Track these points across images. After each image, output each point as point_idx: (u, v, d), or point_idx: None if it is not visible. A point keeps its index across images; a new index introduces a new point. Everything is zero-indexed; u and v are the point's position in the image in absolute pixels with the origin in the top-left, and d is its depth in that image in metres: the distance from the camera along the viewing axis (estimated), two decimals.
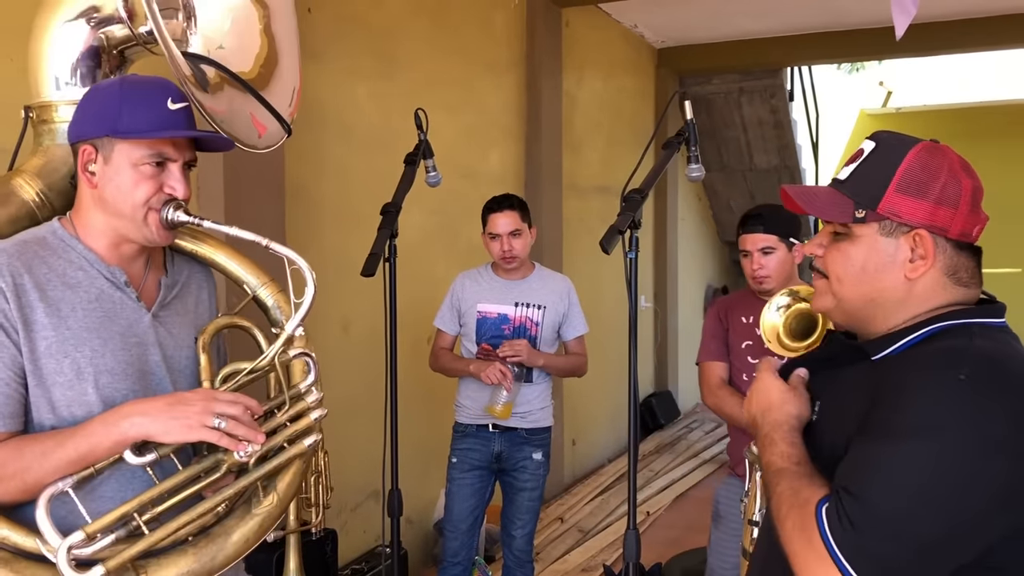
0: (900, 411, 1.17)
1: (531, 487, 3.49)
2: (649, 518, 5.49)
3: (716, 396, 2.93)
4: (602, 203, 6.44)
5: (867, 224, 1.30)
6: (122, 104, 1.56)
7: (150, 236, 1.61)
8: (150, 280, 1.70)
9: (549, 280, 3.56)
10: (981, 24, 6.48)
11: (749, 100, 8.08)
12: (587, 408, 6.45)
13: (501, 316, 3.44)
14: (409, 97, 4.07)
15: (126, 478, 1.55)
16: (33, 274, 1.53)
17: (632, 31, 7.20)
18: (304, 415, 1.67)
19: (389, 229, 2.61)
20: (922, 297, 1.29)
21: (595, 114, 6.62)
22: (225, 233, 1.65)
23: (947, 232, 1.26)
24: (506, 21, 5.38)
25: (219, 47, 1.83)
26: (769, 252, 2.80)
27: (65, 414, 1.53)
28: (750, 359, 2.88)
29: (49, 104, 1.79)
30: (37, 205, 1.73)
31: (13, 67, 2.53)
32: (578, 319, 3.58)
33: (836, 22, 6.79)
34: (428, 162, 2.89)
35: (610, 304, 6.42)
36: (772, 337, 2.66)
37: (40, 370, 1.51)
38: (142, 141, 1.56)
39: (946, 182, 1.26)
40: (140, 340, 1.62)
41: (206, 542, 1.58)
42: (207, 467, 1.56)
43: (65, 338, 1.53)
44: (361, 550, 4.00)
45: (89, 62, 1.80)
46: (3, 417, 1.48)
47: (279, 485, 1.67)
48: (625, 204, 2.16)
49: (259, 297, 1.83)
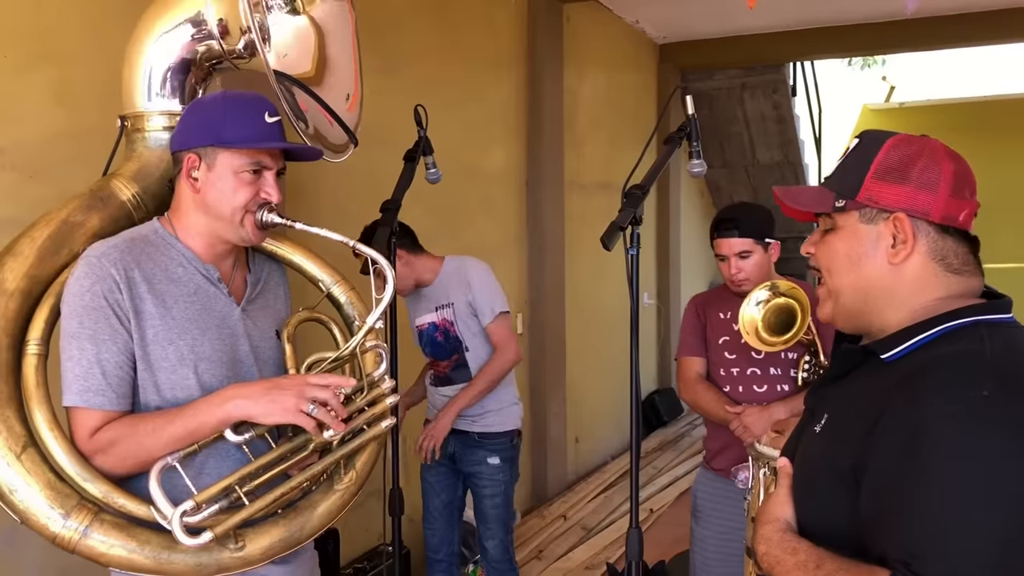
0: (934, 455, 1.10)
1: (490, 493, 3.40)
2: (652, 515, 5.48)
3: (693, 391, 2.93)
4: (604, 199, 6.42)
5: (848, 213, 1.31)
6: (226, 117, 1.74)
7: (246, 236, 1.79)
8: (237, 277, 1.88)
9: (453, 273, 3.36)
10: (984, 18, 6.45)
11: (751, 95, 8.06)
12: (590, 406, 6.44)
13: (431, 325, 3.39)
14: (409, 93, 4.03)
15: (223, 455, 1.73)
16: (142, 268, 1.70)
17: (634, 26, 7.17)
18: (379, 400, 1.85)
19: (389, 227, 2.59)
20: (913, 285, 1.28)
21: (597, 110, 6.60)
22: (316, 234, 1.82)
23: (928, 215, 1.26)
24: (507, 17, 5.36)
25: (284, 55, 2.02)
26: (746, 256, 2.78)
27: (168, 396, 1.70)
28: (727, 355, 2.87)
29: (142, 114, 1.99)
30: (133, 206, 1.92)
31: (7, 63, 2.52)
32: (487, 299, 3.32)
33: (839, 17, 6.77)
34: (428, 159, 2.88)
35: (612, 301, 6.41)
36: (751, 331, 2.66)
37: (148, 356, 1.69)
38: (243, 151, 1.73)
39: (924, 166, 1.27)
40: (232, 331, 1.80)
41: (294, 514, 1.77)
42: (296, 446, 1.73)
43: (170, 327, 1.70)
44: (363, 549, 3.99)
45: (180, 76, 2.00)
46: (119, 397, 1.66)
47: (357, 464, 1.88)
48: (626, 200, 2.15)
49: (332, 294, 2.06)
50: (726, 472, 2.82)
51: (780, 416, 2.64)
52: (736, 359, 2.84)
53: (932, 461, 1.10)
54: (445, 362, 3.41)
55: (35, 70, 2.54)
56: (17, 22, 2.53)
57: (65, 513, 1.58)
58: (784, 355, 2.77)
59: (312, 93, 2.09)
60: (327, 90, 2.16)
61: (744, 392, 2.83)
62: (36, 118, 2.56)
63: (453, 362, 3.40)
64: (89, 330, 1.64)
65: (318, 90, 2.12)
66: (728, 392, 2.85)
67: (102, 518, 1.60)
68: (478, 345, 3.38)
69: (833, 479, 1.22)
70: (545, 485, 5.76)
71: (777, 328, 2.64)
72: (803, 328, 2.60)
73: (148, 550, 1.61)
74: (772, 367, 2.80)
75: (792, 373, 2.79)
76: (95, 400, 1.63)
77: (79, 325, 1.64)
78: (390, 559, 2.75)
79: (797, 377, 2.77)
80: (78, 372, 1.63)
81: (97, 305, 1.64)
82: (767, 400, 2.77)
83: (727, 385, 2.86)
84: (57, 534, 1.58)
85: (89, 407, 1.64)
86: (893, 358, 1.26)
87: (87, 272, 1.66)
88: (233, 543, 1.66)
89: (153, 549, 1.61)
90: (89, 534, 1.58)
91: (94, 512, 1.60)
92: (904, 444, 1.13)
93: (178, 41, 1.99)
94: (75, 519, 1.58)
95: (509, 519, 3.51)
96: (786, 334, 2.61)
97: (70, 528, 1.58)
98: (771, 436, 2.29)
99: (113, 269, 1.66)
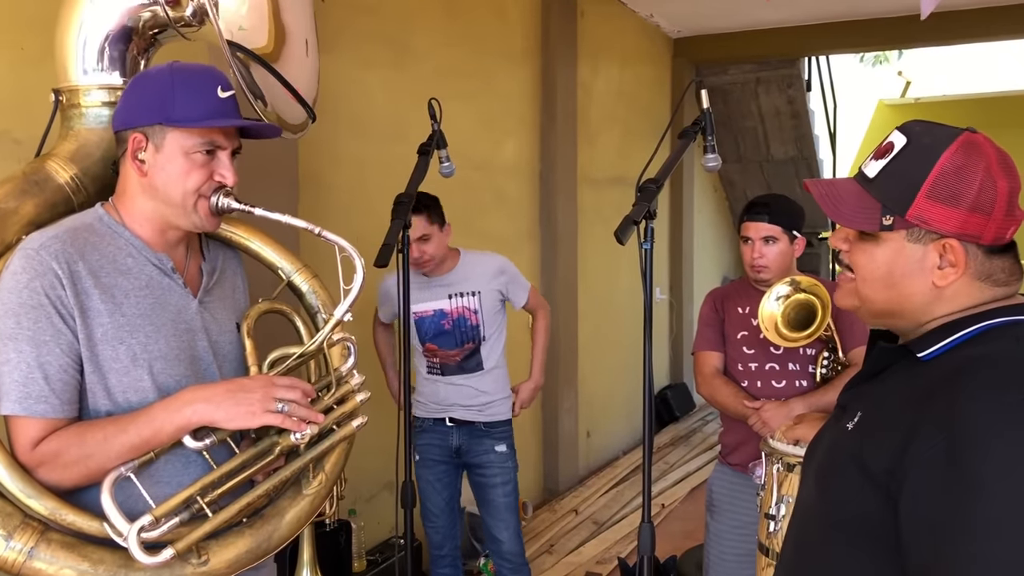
0: (968, 467, 1.07)
1: (502, 482, 3.41)
2: (664, 510, 5.47)
3: (710, 385, 2.92)
4: (617, 194, 6.41)
5: (895, 230, 1.23)
6: (174, 91, 1.57)
7: (199, 223, 1.63)
8: (191, 266, 1.72)
9: (477, 264, 3.44)
10: (1001, 13, 6.39)
11: (766, 90, 8.02)
12: (601, 400, 6.43)
13: (438, 312, 3.36)
14: (423, 87, 4.05)
15: (181, 463, 1.58)
16: (86, 260, 1.53)
17: (648, 21, 7.15)
18: (349, 398, 1.74)
19: (403, 220, 2.59)
20: (952, 300, 1.23)
21: (610, 104, 6.59)
22: (276, 220, 1.66)
23: (980, 239, 1.19)
24: (520, 11, 5.35)
25: (240, 28, 1.82)
26: (771, 242, 2.78)
27: (121, 400, 1.54)
28: (745, 349, 2.87)
29: (78, 88, 1.78)
30: (72, 190, 1.72)
31: (24, 56, 2.53)
32: (520, 284, 3.52)
33: (854, 11, 6.73)
34: (442, 152, 2.87)
35: (625, 296, 6.40)
36: (770, 326, 2.66)
37: (97, 356, 1.53)
38: (195, 130, 1.57)
39: (982, 186, 1.17)
40: (189, 326, 1.65)
41: (261, 523, 1.64)
42: (262, 450, 1.61)
43: (120, 324, 1.54)
44: (375, 541, 4.00)
45: (120, 45, 1.79)
46: (63, 404, 1.50)
47: (327, 466, 1.75)
48: (640, 194, 2.14)
49: (293, 283, 1.88)
50: (743, 467, 2.82)
51: (799, 411, 2.64)
52: (754, 354, 2.83)
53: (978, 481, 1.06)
54: (455, 351, 3.38)
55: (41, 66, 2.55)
56: (34, 15, 2.54)
57: (7, 534, 1.42)
58: (803, 351, 2.76)
59: (268, 66, 1.90)
60: (284, 63, 1.95)
61: (762, 387, 2.82)
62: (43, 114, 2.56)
63: (465, 351, 3.39)
64: (28, 331, 1.47)
65: (276, 64, 1.93)
66: (746, 387, 2.85)
67: (49, 537, 1.45)
68: (494, 336, 3.42)
69: (863, 477, 1.19)
70: (556, 479, 5.76)
71: (796, 324, 2.65)
72: (823, 325, 2.60)
73: (102, 570, 1.46)
74: (790, 362, 2.79)
75: (810, 369, 2.78)
76: (37, 408, 1.47)
77: (16, 325, 1.47)
78: (402, 551, 2.75)
79: (815, 373, 2.77)
80: (16, 377, 1.47)
81: (37, 303, 1.47)
82: (785, 395, 2.77)
83: (745, 380, 2.86)
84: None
85: (30, 416, 1.47)
86: (929, 357, 1.22)
87: (24, 266, 1.49)
88: (196, 558, 1.52)
89: (108, 569, 1.46)
90: (35, 555, 1.43)
91: (40, 531, 1.45)
92: (945, 461, 1.09)
93: (118, 5, 1.78)
94: (18, 539, 1.42)
95: (517, 508, 3.51)
96: (806, 330, 2.61)
97: (14, 550, 1.42)
98: (788, 425, 2.29)
99: (54, 262, 1.49)
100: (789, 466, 2.21)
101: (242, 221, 1.84)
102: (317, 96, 2.07)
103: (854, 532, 1.21)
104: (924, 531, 1.10)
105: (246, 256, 1.90)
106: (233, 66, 1.74)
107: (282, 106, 1.94)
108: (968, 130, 1.24)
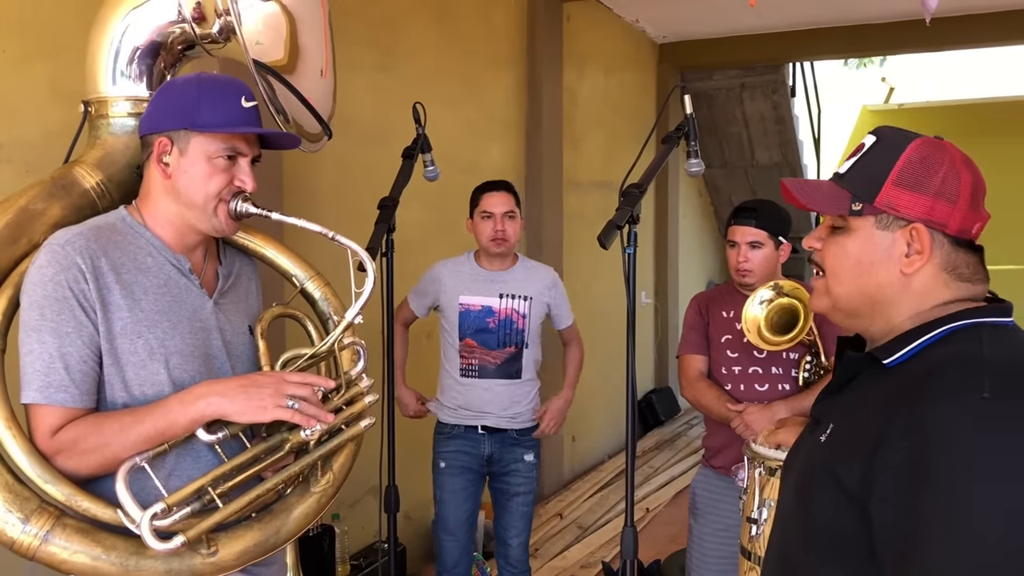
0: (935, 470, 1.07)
1: (524, 491, 3.37)
2: (649, 514, 5.48)
3: (694, 389, 2.93)
4: (603, 198, 6.41)
5: (864, 217, 1.27)
6: (200, 99, 1.65)
7: (218, 226, 1.70)
8: (208, 269, 1.80)
9: (534, 271, 3.45)
10: (985, 20, 6.44)
11: (751, 96, 8.05)
12: (587, 404, 6.42)
13: (485, 308, 3.31)
14: (408, 90, 4.04)
15: (192, 457, 1.64)
16: (109, 257, 1.60)
17: (633, 26, 7.17)
18: (357, 399, 1.80)
19: (387, 223, 2.59)
20: (920, 293, 1.26)
21: (596, 109, 6.60)
22: (293, 224, 1.75)
23: (945, 227, 1.23)
24: (506, 15, 5.36)
25: (257, 43, 1.92)
26: (757, 246, 2.80)
27: (137, 393, 1.60)
28: (729, 353, 2.88)
29: (107, 100, 1.88)
30: (97, 195, 1.82)
31: (6, 58, 2.51)
32: (568, 308, 3.54)
33: (839, 17, 6.76)
34: (426, 156, 2.88)
35: (610, 300, 6.40)
36: (753, 330, 2.68)
37: (115, 349, 1.59)
38: (218, 135, 1.65)
39: (946, 176, 1.23)
40: (204, 325, 1.72)
41: (270, 518, 1.69)
42: (272, 446, 1.66)
43: (139, 319, 1.61)
44: (359, 546, 3.99)
45: (148, 59, 1.90)
46: (83, 394, 1.56)
47: (334, 465, 1.81)
48: (623, 199, 2.15)
49: (307, 290, 1.98)
50: (726, 470, 2.83)
51: (782, 415, 2.65)
52: (738, 358, 2.85)
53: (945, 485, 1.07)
54: (494, 352, 3.32)
55: (33, 65, 2.54)
56: (15, 17, 2.53)
57: (24, 517, 1.48)
58: (786, 355, 2.78)
59: (287, 83, 1.99)
60: (299, 79, 2.05)
61: (745, 391, 2.83)
62: (33, 113, 2.55)
63: (506, 354, 3.33)
64: (51, 322, 1.54)
65: (291, 79, 2.02)
66: (729, 391, 2.86)
67: (64, 522, 1.50)
68: (534, 346, 3.40)
69: (837, 490, 1.20)
70: (541, 484, 5.75)
71: (779, 328, 2.66)
72: (805, 328, 2.61)
73: (114, 556, 1.51)
74: (774, 366, 2.81)
75: (793, 373, 2.79)
76: (57, 396, 1.54)
77: (40, 317, 1.54)
78: (386, 556, 2.74)
79: (799, 377, 2.78)
80: (39, 367, 1.53)
81: (61, 296, 1.54)
82: (768, 399, 2.78)
83: (728, 383, 2.87)
84: (15, 539, 1.48)
85: (51, 404, 1.54)
86: (895, 363, 1.24)
87: (50, 260, 1.56)
88: (205, 548, 1.57)
89: (119, 555, 1.51)
90: (50, 539, 1.48)
91: (56, 516, 1.50)
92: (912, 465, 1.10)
93: (148, 22, 1.88)
94: (35, 524, 1.48)
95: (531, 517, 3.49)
96: (788, 334, 2.63)
97: (29, 533, 1.48)
98: (770, 428, 2.30)
99: (79, 257, 1.56)
100: (771, 470, 2.22)
101: (258, 230, 1.93)
102: (333, 113, 2.17)
103: (831, 544, 1.22)
104: (894, 537, 1.11)
105: (261, 264, 1.98)
106: (259, 82, 1.83)
107: (301, 121, 2.04)
108: (936, 138, 1.29)
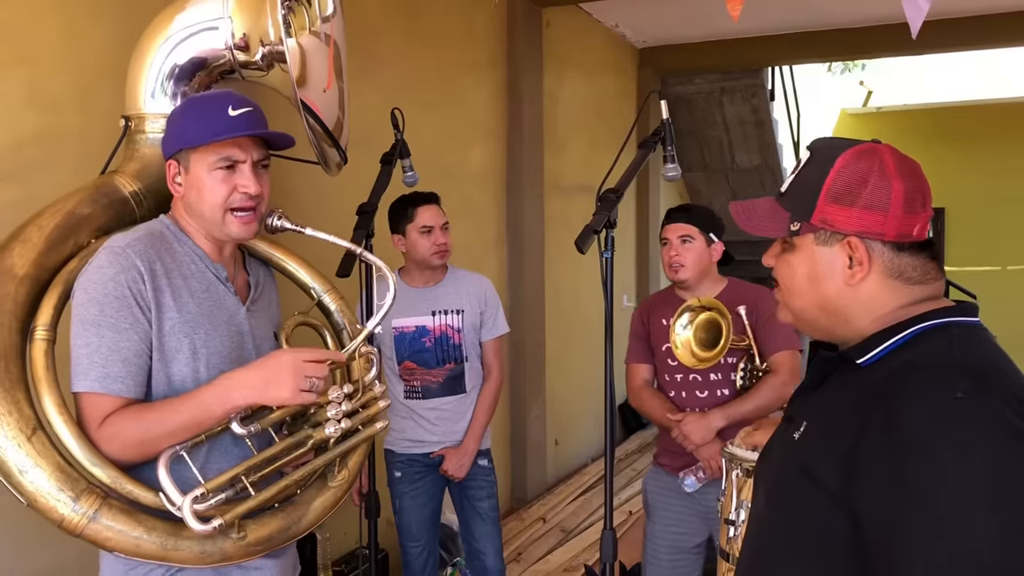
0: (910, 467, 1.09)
1: (488, 495, 3.33)
2: (631, 517, 5.49)
3: (639, 398, 3.01)
4: (584, 202, 6.41)
5: (804, 235, 1.30)
6: (188, 117, 1.79)
7: (232, 232, 1.81)
8: (239, 279, 1.95)
9: (464, 282, 3.33)
10: (963, 24, 6.49)
11: (731, 99, 8.08)
12: (569, 408, 6.44)
13: (420, 329, 3.22)
14: (387, 95, 4.03)
15: (220, 450, 1.78)
16: (162, 262, 1.75)
17: (613, 31, 7.19)
18: (372, 403, 1.95)
19: (365, 229, 2.59)
20: (870, 302, 1.28)
21: (577, 114, 6.61)
22: (325, 239, 1.89)
23: (883, 236, 1.25)
24: (485, 20, 5.36)
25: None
26: (687, 241, 2.85)
27: (179, 388, 1.74)
28: (670, 361, 2.92)
29: (145, 116, 2.06)
30: (136, 203, 1.98)
31: None
32: (498, 319, 3.37)
33: (817, 22, 6.81)
34: (405, 161, 2.88)
35: (592, 304, 6.40)
36: (687, 353, 2.78)
37: (164, 347, 1.73)
38: (209, 147, 1.75)
39: (875, 186, 1.24)
40: (239, 329, 1.86)
41: (292, 508, 1.84)
42: (298, 441, 1.82)
43: (185, 320, 1.75)
44: (341, 552, 3.97)
45: (185, 81, 2.06)
46: (136, 385, 1.70)
47: (350, 463, 1.98)
48: (600, 204, 2.16)
49: (323, 302, 2.16)
50: (672, 469, 2.90)
51: (718, 424, 2.74)
52: (678, 365, 2.89)
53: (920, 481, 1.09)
54: (435, 371, 3.26)
55: (7, 72, 2.51)
56: None
57: (74, 496, 1.60)
58: (724, 360, 2.83)
59: (313, 113, 2.13)
60: (307, 93, 2.18)
61: (687, 397, 2.89)
62: (7, 120, 2.52)
63: (447, 371, 3.27)
64: (111, 318, 1.66)
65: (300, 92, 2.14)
66: (673, 397, 2.92)
67: (110, 503, 1.63)
68: (475, 358, 3.33)
69: (812, 487, 1.21)
70: (524, 487, 5.76)
71: (709, 342, 2.77)
72: (728, 336, 2.71)
73: (155, 536, 1.64)
74: (712, 373, 2.87)
75: (732, 377, 2.86)
76: (114, 387, 1.66)
77: (99, 313, 1.66)
78: (367, 562, 2.74)
79: (735, 381, 2.85)
80: (97, 359, 1.65)
81: (120, 295, 1.67)
82: (710, 405, 2.84)
83: (672, 390, 2.93)
84: (65, 517, 1.60)
85: (107, 393, 1.66)
86: (867, 363, 1.26)
87: (111, 261, 1.69)
88: (236, 533, 1.70)
89: (159, 536, 1.64)
90: (97, 519, 1.60)
91: (102, 497, 1.62)
92: (888, 462, 1.12)
93: (192, 46, 2.02)
94: (84, 503, 1.60)
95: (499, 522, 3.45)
96: (717, 346, 2.73)
97: (78, 512, 1.60)
98: (747, 431, 2.31)
99: (138, 260, 1.70)
100: (748, 472, 2.23)
101: (280, 244, 2.06)
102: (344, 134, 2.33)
103: (804, 540, 1.23)
104: (874, 534, 1.13)
105: (282, 275, 2.13)
106: (302, 113, 1.98)
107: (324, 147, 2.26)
108: (873, 141, 1.31)
